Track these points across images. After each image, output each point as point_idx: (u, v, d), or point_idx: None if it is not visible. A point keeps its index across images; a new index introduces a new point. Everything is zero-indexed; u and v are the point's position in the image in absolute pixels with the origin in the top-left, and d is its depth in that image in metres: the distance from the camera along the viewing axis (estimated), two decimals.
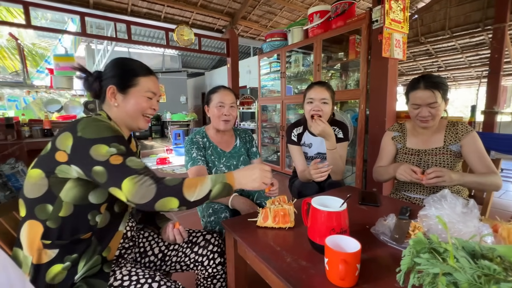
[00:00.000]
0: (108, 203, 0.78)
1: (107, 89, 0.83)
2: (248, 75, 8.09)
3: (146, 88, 0.86)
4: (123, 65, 0.86)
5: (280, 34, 3.56)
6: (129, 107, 0.84)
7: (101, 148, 0.69)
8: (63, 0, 3.55)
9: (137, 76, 0.85)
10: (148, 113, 0.89)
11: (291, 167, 3.63)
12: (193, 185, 0.71)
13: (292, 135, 1.53)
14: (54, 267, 0.71)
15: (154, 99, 0.90)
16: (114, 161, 0.69)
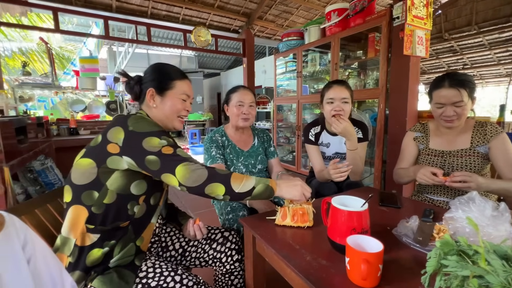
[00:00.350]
0: (146, 195, 0.84)
1: (147, 92, 0.91)
2: (263, 75, 8.09)
3: (181, 91, 0.93)
4: (162, 70, 0.93)
5: (296, 34, 3.54)
6: (166, 108, 0.91)
7: (153, 140, 0.77)
8: (88, 5, 3.73)
9: (174, 80, 0.92)
10: (182, 115, 0.95)
11: (307, 167, 3.60)
12: (240, 178, 0.77)
13: (309, 134, 1.52)
14: (94, 251, 0.77)
15: (187, 101, 0.96)
16: (166, 151, 0.76)
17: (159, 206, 0.91)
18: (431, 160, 1.26)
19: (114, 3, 3.84)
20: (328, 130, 1.52)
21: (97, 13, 3.62)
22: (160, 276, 0.77)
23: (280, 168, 1.49)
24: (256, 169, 1.45)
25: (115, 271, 0.77)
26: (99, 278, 0.75)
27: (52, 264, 0.56)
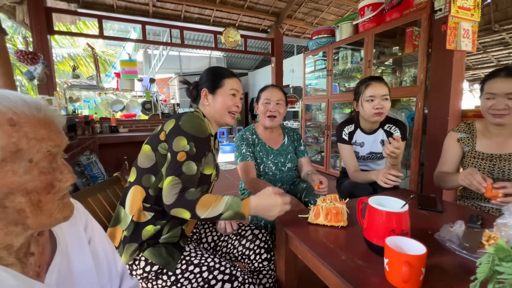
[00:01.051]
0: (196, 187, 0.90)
1: (201, 92, 1.01)
2: (291, 74, 8.02)
3: (230, 87, 1.00)
4: (212, 72, 1.04)
5: (327, 31, 3.46)
6: (217, 105, 0.99)
7: (182, 141, 0.84)
8: (128, 12, 4.00)
9: (223, 79, 1.01)
10: (233, 110, 1.02)
11: (336, 168, 3.51)
12: (206, 205, 0.78)
13: (343, 133, 1.48)
14: (148, 227, 0.85)
15: (237, 96, 1.03)
16: (179, 157, 0.82)
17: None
18: (477, 164, 1.16)
19: (151, 9, 4.06)
20: (362, 129, 1.47)
21: (136, 18, 3.87)
22: (202, 256, 0.85)
23: (310, 167, 1.48)
24: (285, 167, 1.45)
25: (164, 246, 0.85)
26: (150, 250, 0.83)
27: (107, 245, 0.63)
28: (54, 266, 0.48)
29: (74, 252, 0.53)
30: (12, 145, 0.36)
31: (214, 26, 4.57)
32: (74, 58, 5.92)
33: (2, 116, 0.36)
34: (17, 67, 4.75)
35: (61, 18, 3.79)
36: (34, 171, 0.38)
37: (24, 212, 0.38)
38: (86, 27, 5.74)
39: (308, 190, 1.33)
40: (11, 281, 0.41)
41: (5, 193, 0.36)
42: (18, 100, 0.38)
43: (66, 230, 0.53)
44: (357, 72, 3.45)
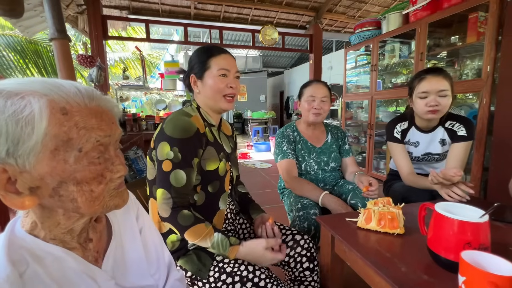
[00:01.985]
0: (202, 184, 0.86)
1: (190, 79, 0.90)
2: (329, 71, 7.72)
3: (217, 67, 0.86)
4: (197, 54, 0.90)
5: (372, 23, 3.23)
6: (207, 90, 0.87)
7: (165, 147, 0.78)
8: (172, 15, 4.21)
9: (208, 59, 0.86)
10: (227, 93, 0.88)
11: (380, 170, 3.27)
12: (195, 236, 0.77)
13: (394, 131, 1.34)
14: (171, 236, 0.85)
15: (229, 76, 0.88)
16: (164, 166, 0.78)
17: (225, 192, 0.90)
18: None
19: (192, 11, 4.23)
20: (418, 127, 1.32)
21: (178, 21, 4.06)
22: (235, 264, 0.79)
23: (355, 167, 1.38)
24: (328, 167, 1.37)
25: (194, 253, 0.83)
26: (182, 258, 0.83)
27: (156, 236, 0.64)
28: (110, 252, 0.49)
29: (127, 240, 0.55)
30: (63, 134, 0.36)
31: (252, 24, 4.58)
32: (124, 61, 6.46)
33: (55, 105, 0.36)
34: (78, 70, 5.33)
35: (114, 25, 4.14)
36: (83, 161, 0.38)
37: (76, 202, 0.39)
38: (135, 32, 6.22)
39: (355, 191, 1.23)
40: (73, 263, 0.42)
41: (59, 182, 0.37)
42: (72, 89, 0.38)
43: (120, 218, 0.55)
44: (403, 67, 3.17)
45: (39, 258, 0.39)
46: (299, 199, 1.23)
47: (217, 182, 0.88)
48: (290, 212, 1.30)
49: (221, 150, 0.91)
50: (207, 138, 0.87)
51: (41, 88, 0.36)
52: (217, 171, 0.87)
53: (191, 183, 0.81)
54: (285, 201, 1.44)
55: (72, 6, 3.63)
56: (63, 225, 0.41)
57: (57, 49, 2.40)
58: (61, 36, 2.37)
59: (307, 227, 1.12)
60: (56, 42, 2.39)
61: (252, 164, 4.70)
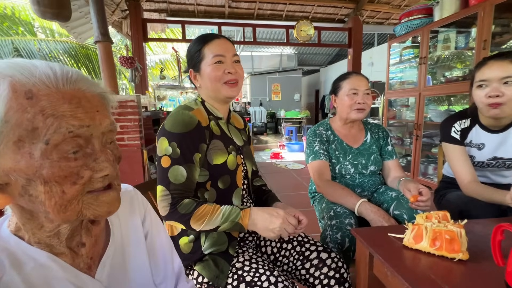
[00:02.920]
0: (211, 180, 0.80)
1: (190, 74, 0.86)
2: (369, 68, 7.21)
3: (211, 55, 0.80)
4: (189, 47, 0.85)
5: (421, 11, 2.88)
6: (206, 81, 0.82)
7: (164, 142, 0.75)
8: (207, 15, 4.29)
9: (202, 48, 0.81)
10: (227, 79, 0.81)
11: (428, 176, 2.91)
12: (201, 217, 0.71)
13: (452, 130, 1.12)
14: (182, 239, 0.79)
15: (226, 62, 0.81)
16: (163, 162, 0.74)
17: (238, 188, 0.84)
18: None
19: (227, 10, 4.26)
20: (483, 125, 1.09)
21: (213, 21, 4.11)
22: (256, 273, 0.72)
23: (400, 172, 1.19)
24: (367, 170, 1.21)
25: (211, 258, 0.76)
26: (199, 264, 0.77)
27: (165, 241, 0.58)
28: (106, 258, 0.44)
29: (130, 245, 0.49)
30: (27, 122, 0.30)
31: (287, 20, 4.46)
32: (164, 63, 6.81)
33: (19, 87, 0.30)
34: (122, 72, 5.75)
35: (154, 27, 4.36)
36: (52, 156, 0.31)
37: (44, 205, 0.33)
38: (173, 34, 6.52)
39: (400, 200, 1.05)
40: (58, 271, 0.37)
41: (26, 179, 0.32)
42: (45, 70, 0.32)
43: (123, 221, 0.50)
44: (459, 60, 2.77)
45: (19, 263, 0.35)
46: (332, 205, 1.10)
47: (227, 177, 0.82)
48: (322, 219, 1.17)
49: (230, 143, 0.85)
50: (212, 131, 0.82)
51: (5, 67, 0.31)
52: (226, 164, 0.81)
53: (192, 180, 0.76)
54: (316, 207, 1.31)
55: (117, 12, 3.89)
56: (47, 228, 0.36)
57: (100, 51, 2.57)
58: (104, 38, 2.53)
59: (340, 239, 0.98)
60: (100, 45, 2.56)
61: (284, 165, 4.58)
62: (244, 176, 0.91)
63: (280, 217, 0.71)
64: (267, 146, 6.62)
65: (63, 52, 4.80)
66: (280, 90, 10.16)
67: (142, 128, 2.09)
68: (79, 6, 3.44)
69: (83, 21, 3.67)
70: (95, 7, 2.46)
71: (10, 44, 4.39)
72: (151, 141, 2.35)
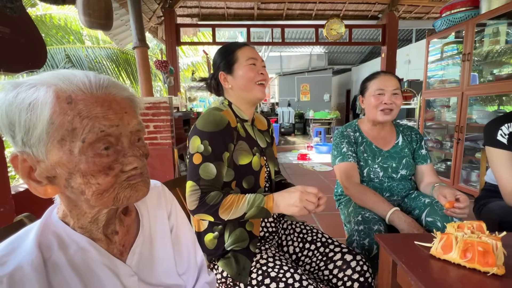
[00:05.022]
0: (236, 180, 0.84)
1: (219, 77, 0.90)
2: (406, 66, 6.78)
3: (245, 57, 0.87)
4: (222, 51, 0.91)
5: (465, 3, 2.64)
6: (239, 81, 0.87)
7: (196, 141, 0.79)
8: (236, 18, 4.38)
9: (234, 52, 0.88)
10: (258, 79, 0.88)
11: (470, 183, 2.67)
12: (229, 207, 0.74)
13: (498, 133, 1.03)
14: (208, 235, 0.83)
15: (257, 64, 0.89)
16: (195, 159, 0.78)
17: (260, 188, 0.88)
18: None
19: (255, 12, 4.31)
20: None
21: (242, 23, 4.19)
22: (280, 269, 0.74)
23: (435, 178, 1.12)
24: (398, 174, 1.15)
25: (232, 256, 0.79)
26: (221, 260, 0.80)
27: (189, 235, 0.62)
28: (136, 247, 0.49)
29: (157, 237, 0.54)
30: (67, 123, 0.35)
31: (316, 20, 4.38)
32: (195, 65, 7.10)
33: (62, 94, 0.36)
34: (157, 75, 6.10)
35: (186, 32, 4.57)
36: (88, 152, 0.36)
37: (85, 194, 0.38)
38: (205, 37, 6.76)
39: (434, 206, 0.98)
40: (95, 255, 0.42)
41: (68, 173, 0.37)
42: (82, 78, 0.37)
43: (152, 213, 0.54)
44: (509, 56, 2.48)
45: (65, 245, 0.40)
46: (360, 210, 1.06)
47: (252, 178, 0.86)
48: (347, 223, 1.14)
49: (255, 144, 0.90)
50: (239, 133, 0.86)
51: (51, 78, 0.37)
52: (251, 165, 0.85)
53: (221, 177, 0.80)
54: (342, 210, 1.28)
55: (153, 18, 4.15)
56: (89, 214, 0.42)
57: (138, 56, 2.76)
58: (142, 44, 2.72)
59: (368, 245, 0.95)
60: (138, 50, 2.76)
61: (310, 166, 4.50)
62: (267, 178, 0.93)
63: (297, 191, 0.73)
64: (294, 147, 6.55)
65: (106, 58, 5.26)
66: (309, 90, 9.98)
67: (173, 128, 2.21)
68: (120, 15, 3.73)
69: (123, 29, 3.98)
70: (134, 15, 2.66)
71: (63, 51, 4.93)
72: (182, 140, 2.47)
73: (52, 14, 5.20)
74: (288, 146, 6.59)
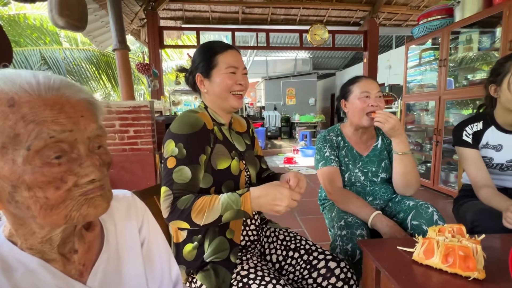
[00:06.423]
0: (215, 186, 0.79)
1: (196, 79, 0.85)
2: (387, 71, 7.01)
3: (225, 65, 0.81)
4: (203, 50, 0.85)
5: (441, 11, 2.77)
6: (215, 88, 0.82)
7: (170, 144, 0.74)
8: (221, 22, 4.36)
9: (215, 56, 0.82)
10: (235, 90, 0.83)
11: (449, 184, 2.76)
12: (201, 210, 0.68)
13: (463, 134, 1.10)
14: (187, 246, 0.79)
15: (238, 74, 0.83)
16: (169, 163, 0.73)
17: None
18: None
19: (240, 16, 4.31)
20: (500, 126, 1.05)
21: (227, 27, 4.18)
22: (262, 281, 0.70)
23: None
24: (378, 178, 1.15)
25: (212, 268, 0.75)
26: (200, 273, 0.76)
27: (163, 248, 0.57)
28: (99, 265, 0.44)
29: (125, 252, 0.49)
30: (9, 129, 0.31)
31: (301, 25, 4.45)
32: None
33: (3, 96, 0.31)
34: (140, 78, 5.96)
35: (170, 34, 4.49)
36: (35, 161, 0.32)
37: (31, 210, 0.33)
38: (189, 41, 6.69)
39: (419, 210, 0.99)
40: (48, 277, 0.38)
41: (12, 186, 0.32)
42: (28, 78, 0.33)
43: (120, 227, 0.50)
44: (483, 62, 2.61)
45: (10, 269, 0.35)
46: (343, 214, 1.05)
47: (231, 182, 0.81)
48: (331, 228, 1.13)
49: (233, 148, 0.86)
50: (216, 136, 0.82)
51: None
52: (230, 169, 0.81)
53: (196, 181, 0.75)
54: (326, 215, 1.27)
55: (135, 20, 4.05)
56: (38, 234, 0.37)
57: (118, 58, 2.67)
58: (122, 46, 2.64)
59: (350, 250, 0.94)
60: (118, 52, 2.67)
61: (297, 170, 4.52)
62: (247, 182, 0.90)
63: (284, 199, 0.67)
64: (281, 151, 6.57)
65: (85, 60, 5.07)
66: (295, 94, 10.10)
67: (155, 132, 2.14)
68: (100, 16, 3.62)
69: (103, 30, 3.85)
70: (114, 16, 2.58)
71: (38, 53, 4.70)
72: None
73: (26, 14, 4.96)
74: (274, 149, 6.60)
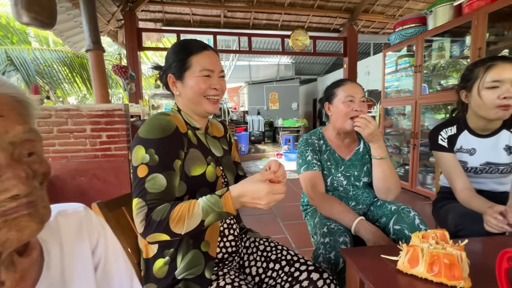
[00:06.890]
0: (189, 194, 0.73)
1: (168, 80, 0.79)
2: (366, 77, 7.25)
3: (199, 67, 0.75)
4: (174, 50, 0.79)
5: (415, 20, 2.89)
6: (188, 92, 0.76)
7: (140, 151, 0.68)
8: (203, 25, 4.30)
9: (189, 57, 0.76)
10: (209, 94, 0.77)
11: (426, 186, 2.84)
12: (181, 218, 0.62)
13: (439, 138, 1.11)
14: (157, 262, 0.71)
15: (213, 77, 0.77)
16: (140, 172, 0.67)
17: None
18: None
19: (222, 20, 4.27)
20: (472, 130, 1.08)
21: (209, 30, 4.12)
22: None
23: None
24: (360, 182, 1.14)
25: (184, 286, 0.68)
26: None
27: (123, 269, 0.50)
28: None
29: (73, 279, 0.42)
30: None
31: (282, 30, 4.48)
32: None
33: None
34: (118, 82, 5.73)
35: (150, 37, 4.36)
36: None
37: None
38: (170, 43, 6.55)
39: (400, 214, 0.97)
40: None
41: None
42: None
43: (68, 249, 0.42)
44: (454, 68, 2.75)
45: None
46: (326, 221, 1.02)
47: (207, 190, 0.75)
48: (314, 234, 1.09)
49: (209, 154, 0.79)
50: (190, 140, 0.76)
51: None
52: (205, 176, 0.74)
53: (172, 189, 0.68)
54: (308, 221, 1.23)
55: (112, 21, 3.89)
56: None
57: (92, 60, 2.53)
58: (96, 47, 2.50)
59: (334, 259, 0.90)
60: (92, 53, 2.53)
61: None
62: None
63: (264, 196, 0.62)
64: (264, 155, 6.55)
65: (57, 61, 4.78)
66: (278, 99, 10.18)
67: (130, 137, 2.02)
68: (74, 15, 3.43)
69: (78, 31, 3.66)
70: (87, 15, 2.45)
71: (4, 53, 4.37)
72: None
73: None
74: (258, 154, 6.56)
